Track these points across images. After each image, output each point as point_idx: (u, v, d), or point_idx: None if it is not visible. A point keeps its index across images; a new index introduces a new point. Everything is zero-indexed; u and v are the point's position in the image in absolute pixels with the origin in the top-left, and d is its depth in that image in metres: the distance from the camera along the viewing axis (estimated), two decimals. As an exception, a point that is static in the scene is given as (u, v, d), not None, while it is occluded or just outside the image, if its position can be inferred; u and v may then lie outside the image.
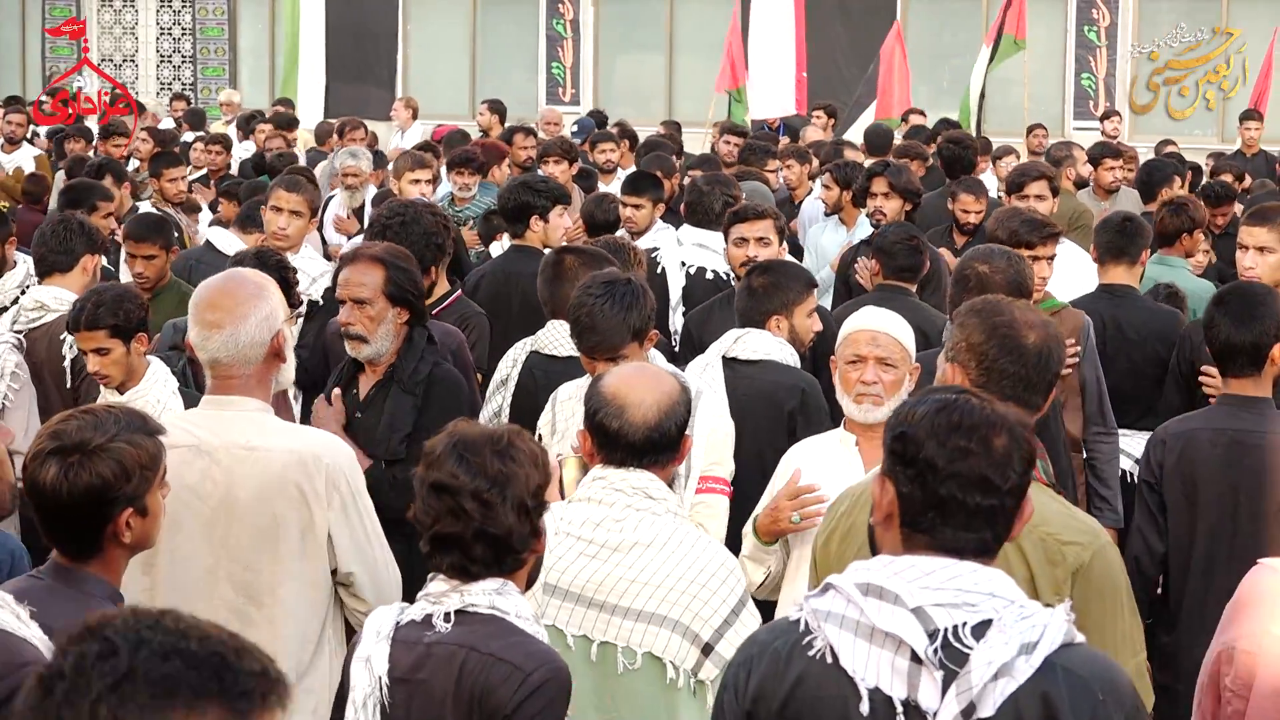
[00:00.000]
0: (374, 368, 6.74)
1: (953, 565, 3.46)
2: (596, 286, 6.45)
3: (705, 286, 9.67)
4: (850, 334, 6.17)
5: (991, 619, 3.38)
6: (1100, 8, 26.21)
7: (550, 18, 29.12)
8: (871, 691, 3.43)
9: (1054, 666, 3.35)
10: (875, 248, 9.10)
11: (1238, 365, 6.63)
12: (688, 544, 4.93)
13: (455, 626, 4.21)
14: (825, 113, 21.34)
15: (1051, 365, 4.79)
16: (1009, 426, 3.53)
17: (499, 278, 9.56)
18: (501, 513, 4.19)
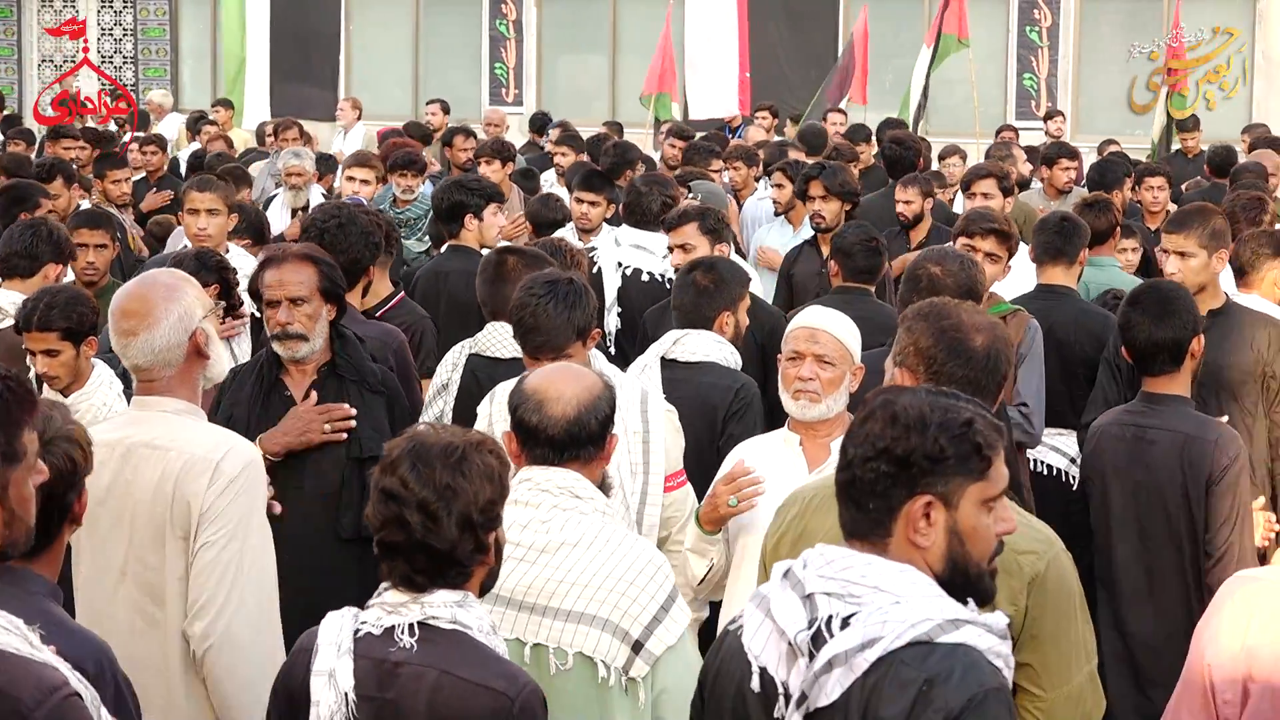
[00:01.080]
0: (302, 367, 6.69)
1: (852, 556, 3.54)
2: (539, 286, 6.43)
3: (641, 288, 9.67)
4: (792, 331, 6.19)
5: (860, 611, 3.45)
6: (1042, 8, 26.30)
7: (493, 18, 29.06)
8: (762, 670, 3.56)
9: (892, 661, 3.41)
10: (834, 249, 9.11)
11: (1159, 364, 6.68)
12: (614, 542, 4.93)
13: (420, 643, 4.19)
14: (770, 113, 21.35)
15: (1000, 368, 4.80)
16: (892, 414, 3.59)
17: (431, 279, 9.56)
18: (445, 526, 4.18)
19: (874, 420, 3.59)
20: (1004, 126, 21.00)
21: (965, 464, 3.57)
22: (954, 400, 3.65)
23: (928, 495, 3.56)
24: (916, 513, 3.56)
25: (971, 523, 3.60)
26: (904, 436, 3.54)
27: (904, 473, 3.55)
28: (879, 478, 3.56)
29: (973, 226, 8.31)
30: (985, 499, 3.61)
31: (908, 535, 3.57)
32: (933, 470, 3.55)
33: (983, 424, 3.60)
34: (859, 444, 3.60)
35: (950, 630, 3.45)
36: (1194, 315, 6.73)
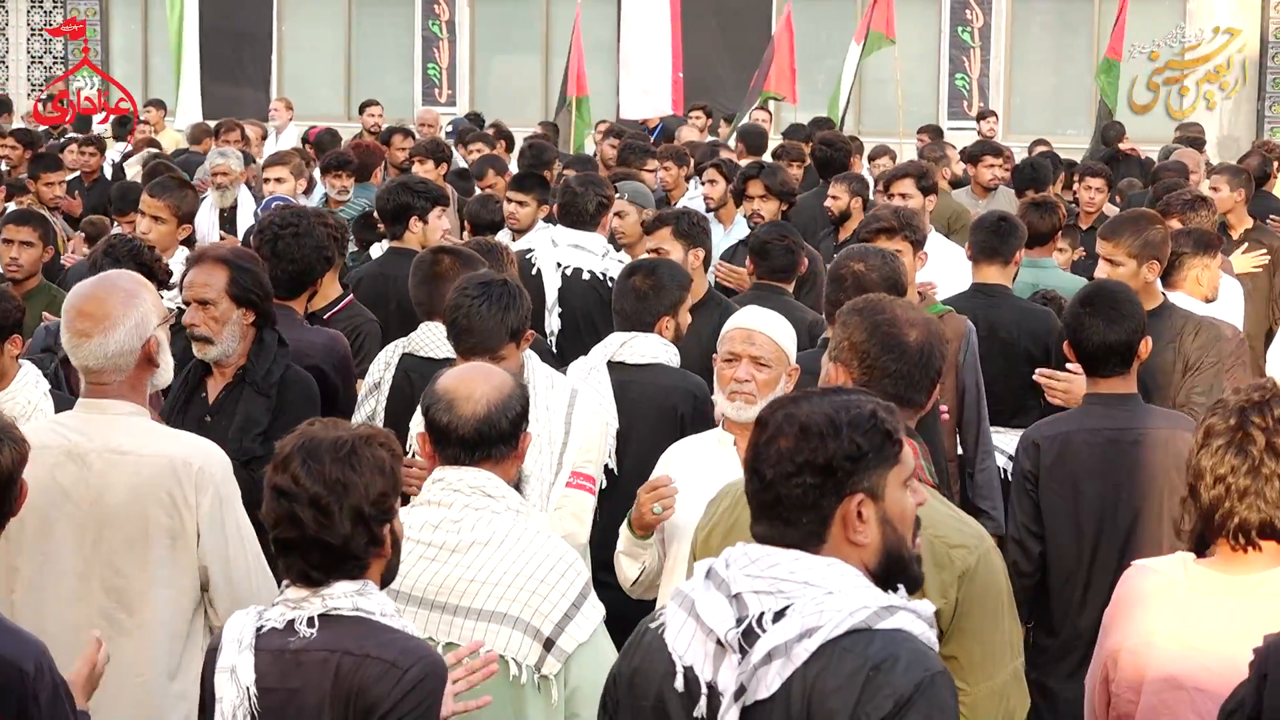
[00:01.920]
0: (222, 370, 6.67)
1: (776, 554, 3.54)
2: (473, 287, 6.42)
3: (581, 287, 9.65)
4: (728, 332, 6.19)
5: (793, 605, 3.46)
6: (974, 9, 26.40)
7: (426, 18, 29.01)
8: (687, 670, 3.55)
9: (834, 649, 3.42)
10: (749, 248, 9.12)
11: (1110, 365, 6.68)
12: (525, 540, 4.94)
13: (321, 631, 4.21)
14: (704, 113, 21.37)
15: (934, 363, 4.82)
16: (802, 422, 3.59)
17: (378, 280, 9.50)
18: (337, 521, 4.20)
19: (784, 436, 3.58)
20: (925, 127, 21.03)
21: (882, 454, 3.58)
22: (850, 396, 3.66)
23: (858, 494, 3.57)
24: (851, 514, 3.56)
25: (899, 506, 3.64)
26: (821, 445, 3.55)
27: (830, 480, 3.55)
28: (807, 491, 3.55)
29: (863, 230, 8.34)
30: (904, 480, 3.66)
31: (845, 538, 3.57)
32: (856, 469, 3.56)
33: (884, 411, 3.63)
34: (775, 463, 3.58)
35: (886, 616, 3.47)
36: (1141, 316, 6.74)
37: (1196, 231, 9.02)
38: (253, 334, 6.67)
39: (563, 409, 6.47)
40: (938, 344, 4.86)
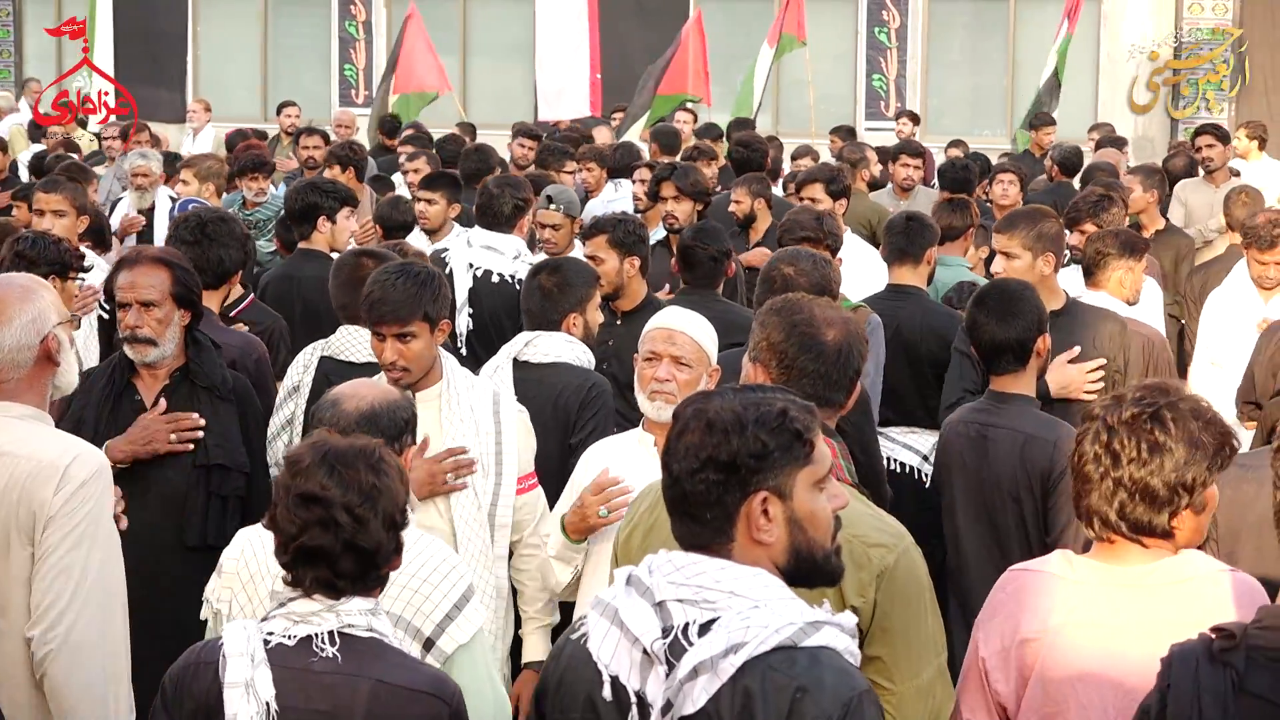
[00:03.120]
0: (153, 371, 6.63)
1: (703, 562, 3.53)
2: (394, 266, 6.52)
3: (491, 289, 9.64)
4: (649, 332, 6.20)
5: (720, 618, 3.44)
6: (890, 10, 26.49)
7: (342, 19, 28.90)
8: (613, 680, 3.53)
9: (760, 666, 3.40)
10: (677, 251, 9.13)
11: (1004, 363, 6.75)
12: (409, 541, 4.93)
13: (343, 652, 4.16)
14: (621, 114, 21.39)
15: (852, 362, 4.84)
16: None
17: (283, 281, 9.48)
18: (374, 527, 4.16)
19: (691, 431, 3.58)
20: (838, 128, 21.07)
21: (790, 453, 3.57)
22: (764, 394, 3.64)
23: (762, 492, 3.56)
24: (755, 512, 3.56)
25: (808, 508, 3.62)
26: (725, 441, 3.54)
27: (733, 476, 3.55)
28: (710, 487, 3.55)
29: (787, 237, 8.40)
30: (815, 481, 3.63)
31: (750, 536, 3.57)
32: (760, 467, 3.55)
33: (796, 410, 3.61)
34: (681, 458, 3.58)
35: (812, 633, 3.46)
36: (1039, 314, 6.80)
37: (1124, 233, 9.08)
38: (184, 335, 6.65)
39: (488, 409, 6.46)
40: (856, 343, 4.87)
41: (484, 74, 28.06)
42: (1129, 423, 4.38)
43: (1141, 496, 4.36)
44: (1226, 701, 3.42)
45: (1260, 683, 3.39)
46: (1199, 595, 4.32)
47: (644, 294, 8.62)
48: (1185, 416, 4.37)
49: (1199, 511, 4.40)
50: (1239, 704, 3.41)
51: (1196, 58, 25.12)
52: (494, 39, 28.23)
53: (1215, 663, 3.46)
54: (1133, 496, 4.37)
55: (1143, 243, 9.08)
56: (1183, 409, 4.38)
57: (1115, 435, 4.39)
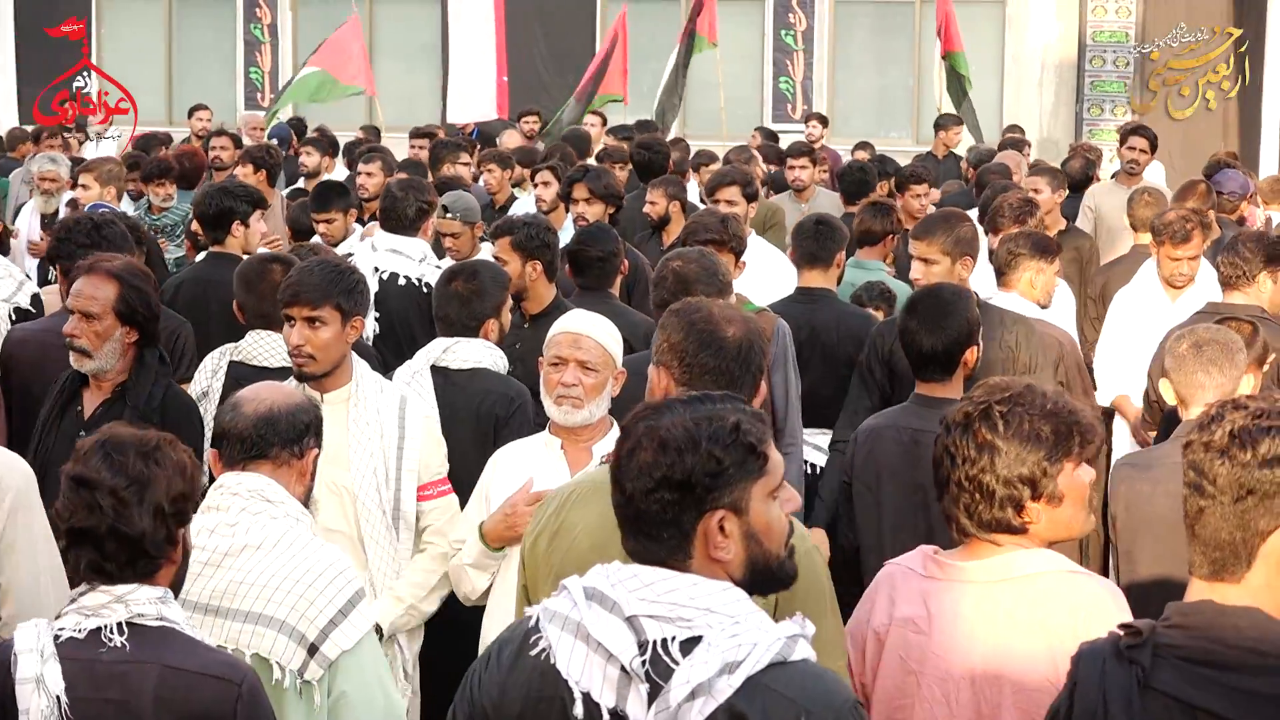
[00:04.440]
0: (100, 383, 6.61)
1: (674, 578, 3.47)
2: (317, 259, 6.62)
3: (398, 292, 9.61)
4: (554, 336, 6.19)
5: (703, 635, 3.38)
6: (797, 12, 26.56)
7: (247, 22, 28.72)
8: (585, 696, 3.45)
9: (758, 686, 3.35)
10: (568, 255, 9.12)
11: (931, 370, 6.75)
12: (298, 546, 4.95)
13: (132, 641, 4.19)
14: (536, 117, 21.37)
15: (753, 359, 4.86)
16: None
17: (196, 286, 9.41)
18: (136, 513, 4.19)
19: (643, 450, 3.51)
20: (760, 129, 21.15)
21: (744, 468, 3.51)
22: (715, 407, 3.58)
23: (719, 511, 3.49)
24: (713, 530, 3.49)
25: (764, 519, 3.56)
26: (679, 460, 3.47)
27: (689, 496, 3.48)
28: (665, 507, 3.48)
29: (691, 239, 8.38)
30: (770, 491, 3.58)
31: (708, 554, 3.51)
32: (716, 485, 3.48)
33: (748, 422, 3.55)
34: (634, 477, 3.51)
35: (794, 646, 3.43)
36: (970, 325, 6.77)
37: (1035, 235, 9.14)
38: (134, 352, 6.61)
39: (394, 413, 6.46)
40: (758, 341, 4.89)
41: (391, 76, 27.95)
42: (961, 423, 4.47)
43: (981, 495, 4.44)
44: (1131, 698, 3.44)
45: (1166, 680, 3.41)
46: (1037, 592, 4.40)
47: (551, 297, 8.59)
48: (1018, 411, 4.43)
49: (1056, 503, 4.45)
50: (1144, 701, 3.43)
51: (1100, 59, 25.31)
52: (401, 41, 28.14)
53: (1121, 660, 3.48)
54: (974, 496, 4.45)
55: (1054, 245, 9.14)
56: (1018, 404, 4.44)
57: (951, 437, 4.49)
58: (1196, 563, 3.50)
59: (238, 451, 5.04)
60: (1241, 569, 3.44)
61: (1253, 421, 3.42)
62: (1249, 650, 3.37)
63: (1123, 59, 25.32)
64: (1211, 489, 3.43)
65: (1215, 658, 3.39)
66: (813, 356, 8.51)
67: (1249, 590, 3.44)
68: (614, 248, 9.04)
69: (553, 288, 8.68)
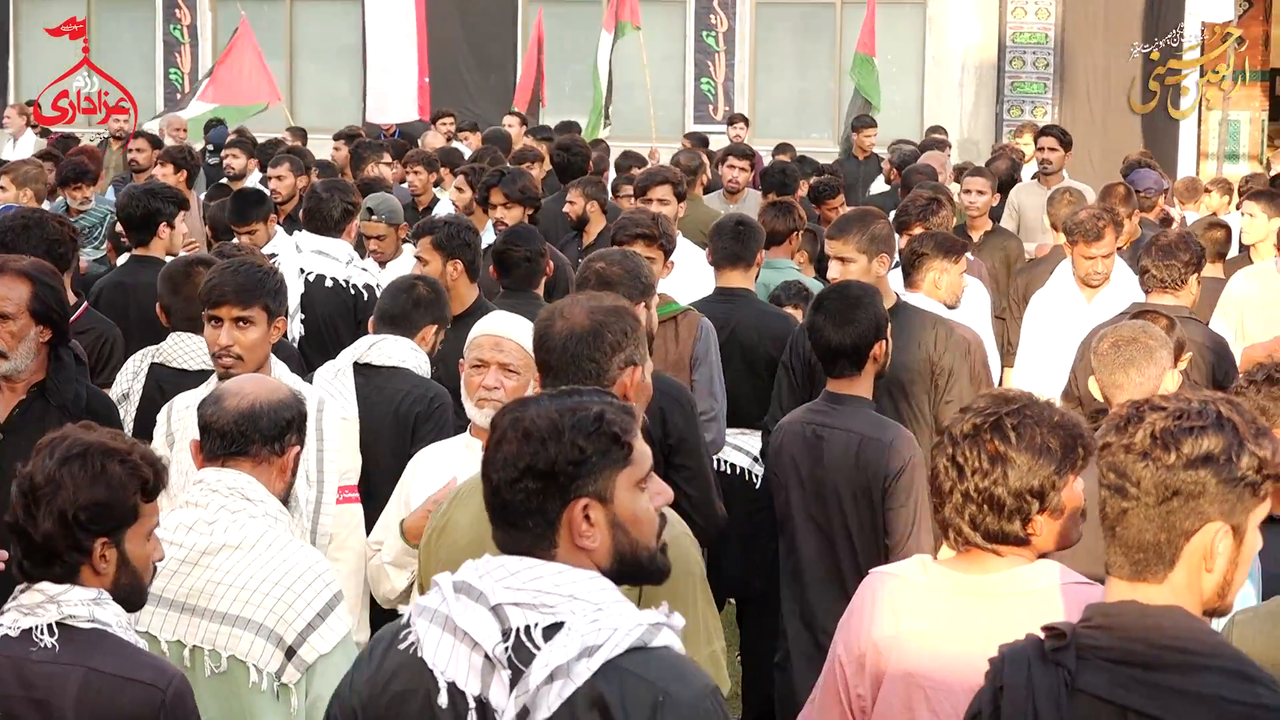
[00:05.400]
0: (11, 385, 6.55)
1: (539, 566, 3.51)
2: (237, 259, 6.60)
3: (324, 294, 9.58)
4: (474, 339, 6.18)
5: (565, 621, 3.42)
6: (718, 13, 26.59)
7: (167, 22, 28.56)
8: (450, 685, 3.49)
9: (616, 669, 3.39)
10: (492, 256, 9.12)
11: (839, 367, 6.78)
12: (277, 547, 4.93)
13: (61, 642, 4.18)
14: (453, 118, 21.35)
15: (587, 348, 4.81)
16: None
17: (119, 289, 9.34)
18: (40, 516, 4.19)
19: (508, 441, 3.55)
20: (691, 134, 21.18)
21: (608, 457, 3.55)
22: (580, 399, 3.61)
23: (583, 499, 3.53)
24: (578, 519, 3.53)
25: (630, 509, 3.59)
26: (542, 450, 3.51)
27: (553, 484, 3.52)
28: (530, 496, 3.52)
29: (621, 234, 8.39)
30: (637, 481, 3.61)
31: (573, 542, 3.54)
32: (579, 474, 3.52)
33: (614, 412, 3.59)
34: (499, 468, 3.55)
35: (656, 634, 3.47)
36: (878, 320, 6.80)
37: (940, 234, 9.18)
38: (47, 351, 6.56)
39: (312, 417, 6.43)
40: (603, 328, 4.81)
41: (311, 78, 27.86)
42: (970, 434, 4.41)
43: (990, 507, 4.39)
44: (1060, 700, 3.45)
45: (1093, 681, 3.42)
46: (1039, 606, 4.34)
47: (473, 298, 8.59)
48: (1028, 423, 4.39)
49: (1057, 516, 4.42)
50: (1072, 702, 3.44)
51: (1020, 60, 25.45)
52: (321, 43, 28.04)
53: (1047, 662, 3.49)
54: (981, 507, 4.40)
55: (959, 244, 9.17)
56: (1027, 415, 4.41)
57: (959, 448, 4.42)
58: (1117, 563, 3.50)
59: (218, 447, 5.02)
60: (1164, 570, 3.45)
61: (1174, 423, 3.42)
62: (1176, 650, 3.39)
63: (1042, 60, 25.46)
64: (1135, 491, 3.43)
65: (1142, 658, 3.40)
66: (732, 356, 8.53)
67: (1171, 589, 3.45)
68: (540, 248, 9.04)
69: (474, 288, 8.68)
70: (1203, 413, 3.44)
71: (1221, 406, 3.47)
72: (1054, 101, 25.38)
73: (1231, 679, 3.36)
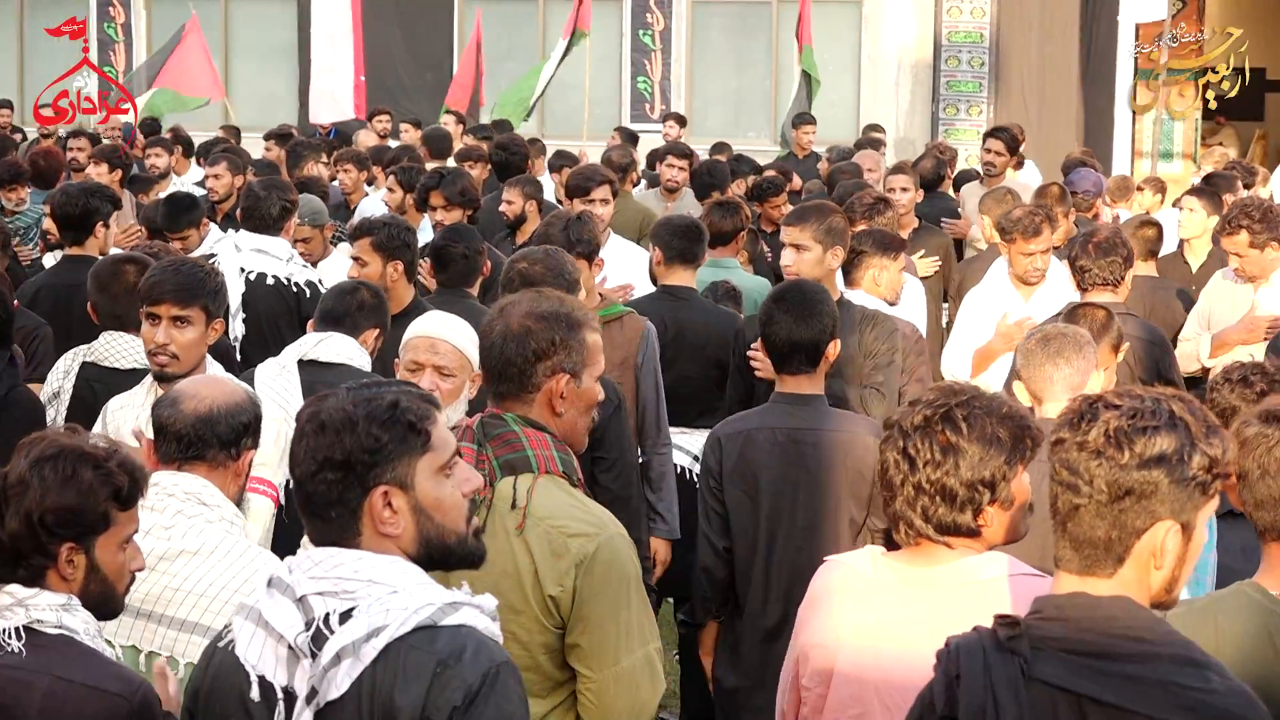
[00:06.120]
0: None
1: (340, 554, 3.58)
2: (177, 258, 6.66)
3: (266, 292, 9.54)
4: (410, 340, 6.17)
5: (359, 605, 3.51)
6: (654, 12, 26.59)
7: (101, 20, 28.41)
8: (261, 679, 3.58)
9: (402, 646, 3.47)
10: (430, 251, 9.11)
11: (795, 363, 6.76)
12: (235, 554, 4.91)
13: (28, 648, 4.15)
14: (387, 117, 21.31)
15: (508, 349, 4.78)
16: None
17: (58, 291, 9.25)
18: (6, 516, 4.19)
19: (307, 435, 3.62)
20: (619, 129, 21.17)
21: (405, 444, 3.61)
22: (377, 389, 3.68)
23: (382, 486, 3.59)
24: (378, 506, 3.59)
25: (434, 495, 3.66)
26: (338, 441, 3.58)
27: (351, 474, 3.59)
28: (330, 486, 3.59)
29: (537, 242, 8.38)
30: (439, 468, 3.67)
31: (376, 530, 3.60)
32: (376, 461, 3.59)
33: (409, 400, 3.66)
34: (301, 462, 3.62)
35: (451, 613, 3.54)
36: (833, 318, 6.81)
37: (879, 232, 9.20)
38: None
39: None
40: (522, 333, 4.78)
41: (247, 77, 27.76)
42: (921, 426, 4.44)
43: (942, 498, 4.42)
44: (1018, 688, 3.47)
45: (1049, 670, 3.45)
46: (985, 597, 4.36)
47: (410, 298, 8.59)
48: (978, 414, 4.43)
49: (1007, 507, 4.46)
50: (1030, 691, 3.46)
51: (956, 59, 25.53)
52: (257, 42, 27.94)
53: (1003, 652, 3.51)
54: (933, 499, 4.43)
55: (899, 242, 9.22)
56: (976, 407, 4.45)
57: (910, 440, 4.45)
58: (1066, 558, 3.52)
59: (175, 450, 4.99)
60: (1113, 565, 3.47)
61: (1128, 422, 3.44)
62: (1129, 639, 3.42)
63: (977, 59, 25.54)
64: (1088, 488, 3.45)
65: (1096, 648, 3.42)
66: (678, 355, 8.53)
67: (1119, 584, 3.48)
68: (478, 247, 9.03)
69: (411, 288, 8.68)
70: (1156, 412, 3.46)
71: (1174, 405, 3.49)
72: (989, 101, 25.46)
73: (1183, 666, 3.40)
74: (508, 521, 4.61)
